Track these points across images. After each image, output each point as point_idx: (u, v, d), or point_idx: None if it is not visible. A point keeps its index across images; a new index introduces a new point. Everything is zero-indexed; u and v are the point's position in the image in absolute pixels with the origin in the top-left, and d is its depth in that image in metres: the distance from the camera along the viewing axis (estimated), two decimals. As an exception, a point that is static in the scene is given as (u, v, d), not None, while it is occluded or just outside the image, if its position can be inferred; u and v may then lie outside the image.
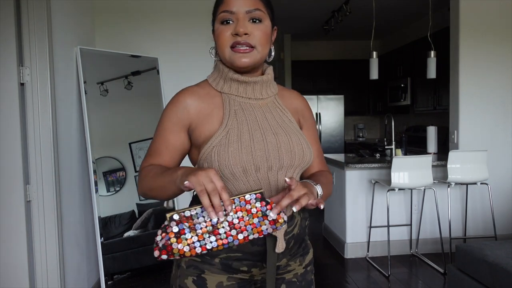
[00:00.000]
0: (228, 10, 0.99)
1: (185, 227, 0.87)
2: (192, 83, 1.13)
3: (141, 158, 2.99)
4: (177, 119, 1.03)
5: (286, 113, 1.08)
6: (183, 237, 0.86)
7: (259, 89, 1.05)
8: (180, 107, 1.03)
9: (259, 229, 0.89)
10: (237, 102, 1.03)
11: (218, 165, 0.95)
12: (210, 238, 0.87)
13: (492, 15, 3.68)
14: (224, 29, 1.00)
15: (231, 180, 0.97)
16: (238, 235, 0.88)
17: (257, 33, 0.99)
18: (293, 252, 1.08)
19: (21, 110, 2.18)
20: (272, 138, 1.00)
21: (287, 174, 1.01)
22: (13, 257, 2.19)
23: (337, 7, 4.83)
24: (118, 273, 2.77)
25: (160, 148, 1.04)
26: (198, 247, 0.86)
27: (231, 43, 0.99)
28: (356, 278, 3.19)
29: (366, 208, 3.62)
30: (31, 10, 2.20)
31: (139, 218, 2.94)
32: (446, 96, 4.40)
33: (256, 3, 1.00)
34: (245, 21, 0.99)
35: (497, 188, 3.74)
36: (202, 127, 1.01)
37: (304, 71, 6.66)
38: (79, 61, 2.71)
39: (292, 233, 1.03)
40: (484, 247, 2.37)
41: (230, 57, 1.00)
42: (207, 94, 1.04)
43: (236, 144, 0.96)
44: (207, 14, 3.92)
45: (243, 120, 1.00)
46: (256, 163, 0.96)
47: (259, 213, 0.89)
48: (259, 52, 1.00)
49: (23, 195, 2.19)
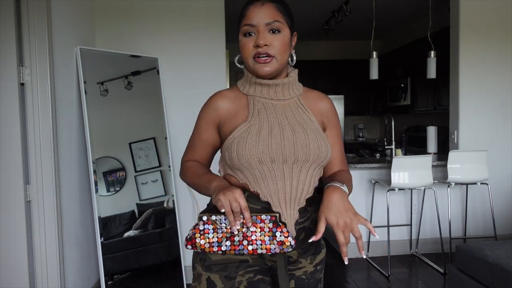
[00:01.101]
0: (249, 23, 1.10)
1: (210, 228, 1.06)
2: (192, 82, 1.20)
3: (141, 158, 2.99)
4: (209, 118, 1.18)
5: (307, 113, 1.17)
6: (206, 236, 1.05)
7: (281, 91, 1.16)
8: (212, 108, 1.18)
9: (268, 246, 1.03)
10: (260, 103, 1.15)
11: (236, 154, 1.07)
12: (226, 242, 1.04)
13: (492, 15, 3.68)
14: (247, 41, 1.11)
15: (248, 168, 1.08)
16: (248, 246, 1.03)
17: (276, 43, 1.10)
18: (304, 247, 1.16)
19: (21, 110, 2.18)
20: (289, 134, 1.10)
21: (302, 168, 1.10)
22: (13, 257, 2.19)
23: (337, 7, 4.83)
24: (118, 273, 2.77)
25: (195, 143, 1.23)
26: (216, 246, 1.05)
27: (253, 54, 1.10)
28: (356, 278, 3.19)
29: (366, 208, 3.62)
30: (31, 10, 2.20)
31: (139, 218, 2.94)
32: (446, 96, 4.39)
33: (275, 15, 1.10)
34: (265, 33, 1.09)
35: (497, 188, 3.74)
36: (229, 124, 1.15)
37: (304, 71, 6.59)
38: (79, 61, 2.71)
39: (303, 225, 1.11)
40: (484, 247, 2.37)
41: (253, 67, 1.12)
42: (235, 96, 1.18)
43: (255, 137, 1.07)
44: (207, 14, 3.93)
45: (265, 117, 1.12)
46: (272, 155, 1.07)
47: (270, 232, 1.03)
48: (278, 60, 1.11)
49: (23, 195, 2.19)
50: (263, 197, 1.09)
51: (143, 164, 3.00)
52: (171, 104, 3.21)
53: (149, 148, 3.04)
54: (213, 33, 3.31)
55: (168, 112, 3.20)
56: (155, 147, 3.06)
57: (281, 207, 1.09)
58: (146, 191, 2.99)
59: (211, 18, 3.32)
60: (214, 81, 3.22)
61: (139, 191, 2.97)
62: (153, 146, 3.06)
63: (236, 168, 1.10)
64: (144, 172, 3.00)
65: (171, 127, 3.19)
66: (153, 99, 3.12)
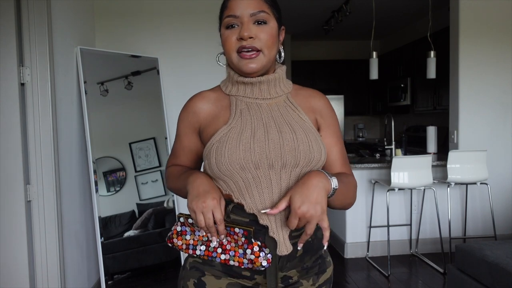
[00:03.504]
0: (232, 14, 0.98)
1: (187, 229, 1.01)
2: (192, 83, 1.17)
3: (141, 158, 2.99)
4: (188, 123, 1.07)
5: (297, 111, 1.03)
6: (183, 237, 1.02)
7: (267, 89, 1.03)
8: (191, 112, 1.07)
9: (241, 260, 0.96)
10: (243, 103, 1.02)
11: (215, 161, 0.95)
12: (201, 246, 0.99)
13: (492, 15, 3.68)
14: (229, 34, 0.99)
15: (230, 177, 0.96)
16: (221, 255, 0.97)
17: (263, 35, 0.98)
18: (306, 266, 1.03)
19: (21, 110, 2.18)
20: (275, 135, 0.97)
21: (292, 174, 0.97)
22: (13, 257, 2.19)
23: (337, 7, 4.83)
24: (118, 273, 2.77)
25: (177, 150, 1.12)
26: (191, 249, 1.01)
27: (237, 47, 0.98)
28: (356, 278, 3.19)
29: (366, 208, 3.63)
30: (31, 10, 2.20)
31: (139, 218, 2.94)
32: (446, 96, 4.40)
33: (260, 5, 0.98)
34: (249, 24, 0.97)
35: (497, 188, 3.74)
36: (209, 128, 1.03)
37: (304, 71, 6.66)
38: (79, 61, 2.71)
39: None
40: (483, 247, 2.37)
41: (237, 63, 0.99)
42: (217, 98, 1.06)
43: (235, 142, 0.95)
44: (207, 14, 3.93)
45: (248, 119, 0.99)
46: (255, 161, 0.94)
47: (244, 246, 0.95)
48: (265, 55, 0.99)
49: (23, 195, 2.19)
50: (248, 209, 0.96)
51: (143, 164, 3.00)
52: (171, 104, 3.22)
53: (149, 148, 3.04)
54: (213, 33, 3.30)
55: (168, 112, 3.20)
56: (155, 147, 3.06)
57: (269, 219, 0.95)
58: (146, 191, 3.00)
59: (211, 18, 3.31)
60: (214, 81, 3.21)
61: (139, 191, 2.97)
62: (153, 146, 3.06)
63: (217, 177, 0.98)
64: (144, 172, 3.00)
65: (171, 127, 3.19)
66: (153, 99, 3.13)
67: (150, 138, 3.06)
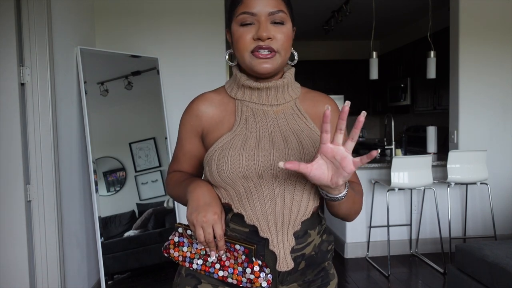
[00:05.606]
0: (248, 11, 0.91)
1: (185, 241, 0.97)
2: (192, 83, 1.15)
3: (141, 158, 2.99)
4: (190, 127, 1.02)
5: (304, 119, 0.98)
6: (180, 248, 0.97)
7: (274, 95, 0.98)
8: (193, 115, 1.01)
9: (239, 277, 0.91)
10: (249, 109, 0.97)
11: (217, 168, 0.91)
12: (198, 260, 0.95)
13: (492, 15, 3.69)
14: (244, 32, 0.92)
15: (230, 184, 0.92)
16: (219, 271, 0.93)
17: (280, 36, 0.92)
18: (308, 279, 0.98)
19: (21, 110, 2.18)
20: (281, 145, 0.93)
21: (297, 185, 0.92)
22: (13, 257, 2.19)
23: (337, 7, 4.83)
24: (118, 273, 2.77)
25: (179, 155, 1.07)
26: (187, 262, 0.96)
27: (253, 47, 0.91)
28: (356, 278, 3.19)
29: (366, 208, 3.63)
30: (31, 10, 2.20)
31: (139, 218, 2.94)
32: (446, 96, 4.40)
33: (279, 4, 0.92)
34: (267, 23, 0.91)
35: (497, 188, 3.75)
36: (213, 134, 0.98)
37: (304, 71, 6.66)
38: (79, 61, 2.71)
39: (303, 252, 0.93)
40: (483, 247, 2.37)
41: (250, 63, 0.92)
42: (221, 100, 1.01)
43: (239, 149, 0.91)
44: (207, 14, 3.93)
45: (253, 126, 0.95)
46: (259, 170, 0.90)
47: (243, 264, 0.91)
48: (281, 56, 0.93)
49: (23, 195, 2.19)
50: (248, 220, 0.90)
51: (143, 164, 3.00)
52: (171, 104, 3.22)
53: (149, 148, 3.04)
54: (213, 33, 3.32)
55: (168, 112, 3.20)
56: (155, 147, 3.07)
57: (271, 232, 0.89)
58: (146, 191, 3.00)
59: (211, 18, 3.32)
60: (214, 81, 3.22)
61: (139, 191, 2.97)
62: (153, 146, 3.06)
63: (218, 185, 0.93)
64: (144, 172, 3.00)
65: (171, 127, 3.20)
66: (153, 99, 3.13)
67: (150, 138, 3.06)
